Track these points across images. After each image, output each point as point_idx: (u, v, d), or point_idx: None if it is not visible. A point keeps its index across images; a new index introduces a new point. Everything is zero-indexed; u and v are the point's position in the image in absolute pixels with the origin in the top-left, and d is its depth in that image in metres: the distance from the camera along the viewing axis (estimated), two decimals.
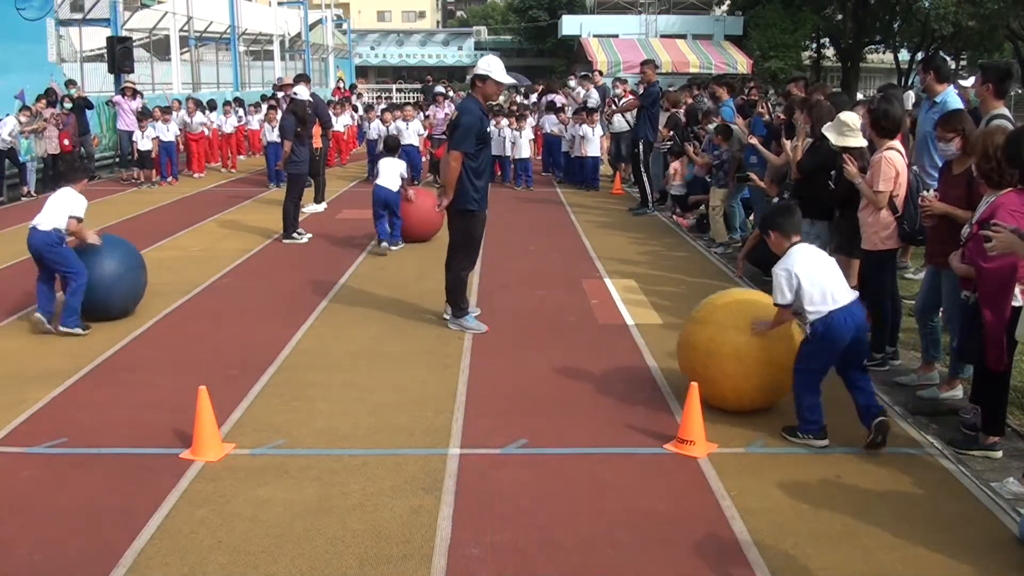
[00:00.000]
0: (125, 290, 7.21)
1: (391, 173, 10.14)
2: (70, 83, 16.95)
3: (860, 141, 6.29)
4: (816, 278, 4.70)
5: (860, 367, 4.85)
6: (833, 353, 4.75)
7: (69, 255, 6.94)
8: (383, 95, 43.18)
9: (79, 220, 6.95)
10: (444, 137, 13.06)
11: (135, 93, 16.67)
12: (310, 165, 12.19)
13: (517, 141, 15.38)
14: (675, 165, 12.15)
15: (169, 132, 15.75)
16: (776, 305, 4.81)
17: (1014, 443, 4.84)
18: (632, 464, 4.61)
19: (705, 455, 4.65)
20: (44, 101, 14.80)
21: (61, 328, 6.79)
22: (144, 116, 15.52)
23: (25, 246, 7.04)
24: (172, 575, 3.58)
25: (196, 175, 16.89)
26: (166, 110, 16.40)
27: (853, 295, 4.80)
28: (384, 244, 9.99)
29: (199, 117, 17.15)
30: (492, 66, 6.64)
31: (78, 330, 6.79)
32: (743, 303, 5.22)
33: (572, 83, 18.80)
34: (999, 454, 4.69)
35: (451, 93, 20.11)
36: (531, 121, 17.33)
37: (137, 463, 4.60)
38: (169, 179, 15.88)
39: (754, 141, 8.72)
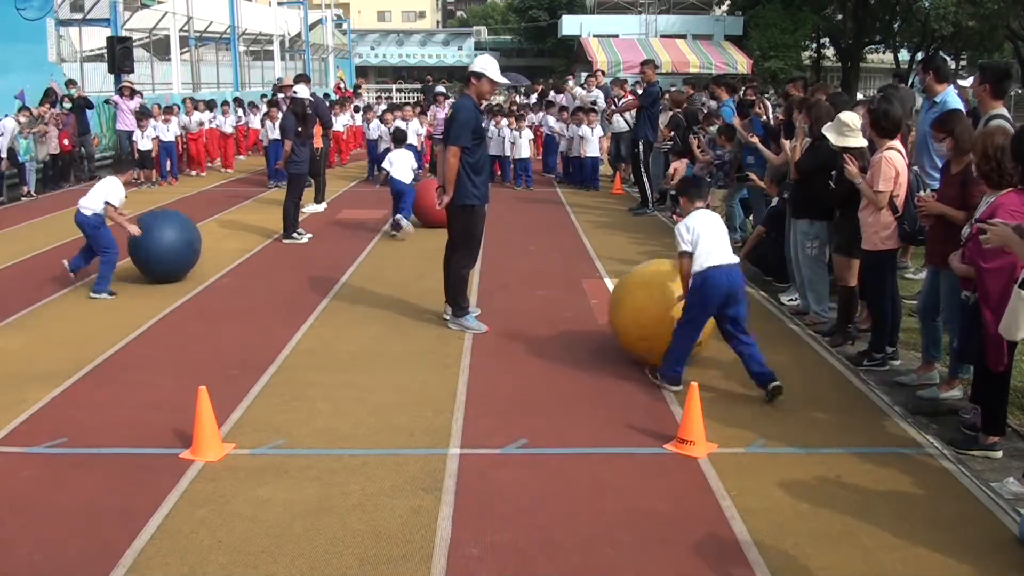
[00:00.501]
0: (183, 257, 8.43)
1: (403, 165, 10.92)
2: (70, 83, 16.95)
3: (860, 141, 6.29)
4: (704, 236, 5.30)
5: (742, 330, 5.40)
6: (708, 307, 5.34)
7: (106, 236, 8.06)
8: (382, 95, 43.18)
9: (114, 207, 7.94)
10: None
11: (132, 93, 16.67)
12: (311, 165, 12.23)
13: (517, 141, 15.38)
14: (676, 165, 12.15)
15: (169, 132, 15.75)
16: (680, 254, 5.42)
17: (1014, 443, 4.84)
18: (632, 464, 4.61)
19: (705, 455, 4.65)
20: (47, 104, 14.76)
21: (91, 295, 7.85)
22: (143, 116, 15.51)
23: (25, 245, 7.24)
24: (172, 575, 3.58)
25: (195, 174, 16.90)
26: (167, 110, 16.41)
27: (734, 259, 5.38)
28: (399, 219, 10.74)
29: (197, 116, 17.16)
30: (488, 65, 6.74)
31: (105, 295, 7.89)
32: (657, 272, 6.02)
33: (571, 83, 18.80)
34: (999, 454, 4.69)
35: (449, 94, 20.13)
36: (533, 119, 17.32)
37: (137, 463, 4.60)
38: (169, 179, 15.88)
39: (755, 140, 8.72)
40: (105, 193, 7.98)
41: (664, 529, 3.93)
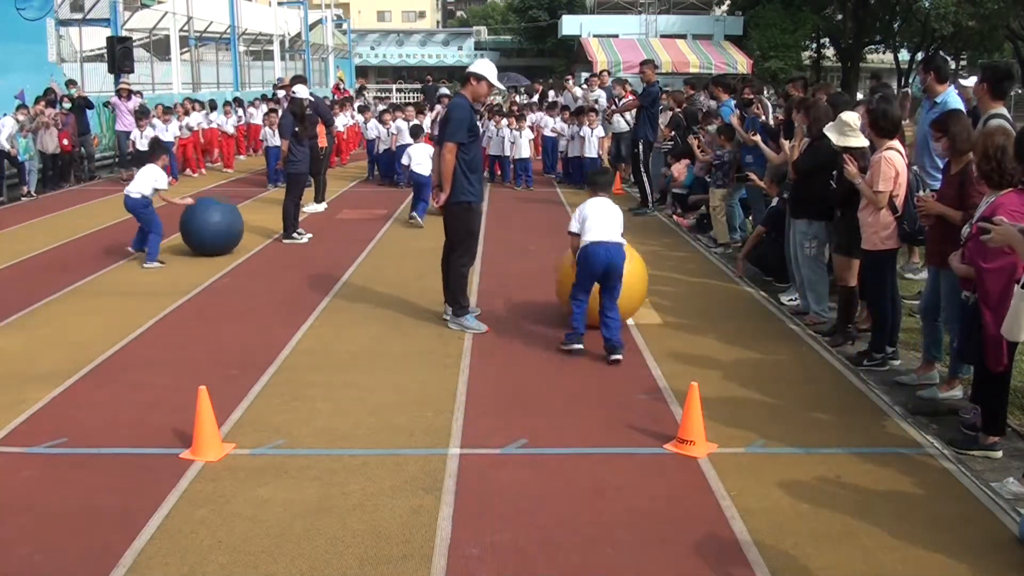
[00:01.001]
0: (228, 234, 9.79)
1: (423, 158, 11.44)
2: (70, 83, 16.94)
3: (861, 141, 6.29)
4: (590, 218, 6.24)
5: (612, 299, 6.22)
6: (589, 277, 6.23)
7: (152, 215, 9.30)
8: (382, 95, 43.17)
9: (164, 190, 9.39)
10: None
11: (130, 94, 16.67)
12: (312, 164, 12.26)
13: (517, 141, 15.39)
14: (678, 167, 12.17)
15: (168, 132, 15.74)
16: (569, 233, 6.41)
17: (1014, 443, 4.84)
18: (632, 464, 4.61)
19: (705, 455, 4.65)
20: (43, 103, 14.76)
21: (144, 266, 9.13)
22: (143, 115, 15.51)
23: (26, 245, 7.35)
24: (172, 575, 3.58)
25: (193, 174, 16.92)
26: (167, 110, 16.41)
27: (615, 239, 6.19)
28: (414, 216, 11.56)
29: (195, 116, 17.16)
30: (489, 70, 6.85)
31: (156, 264, 9.15)
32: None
33: (570, 82, 18.80)
34: (999, 454, 4.70)
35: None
36: (533, 119, 17.32)
37: (137, 463, 4.60)
38: (169, 179, 15.83)
39: (757, 140, 8.72)
40: (152, 180, 9.30)
41: (664, 529, 3.93)
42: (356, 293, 8.14)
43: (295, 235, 10.58)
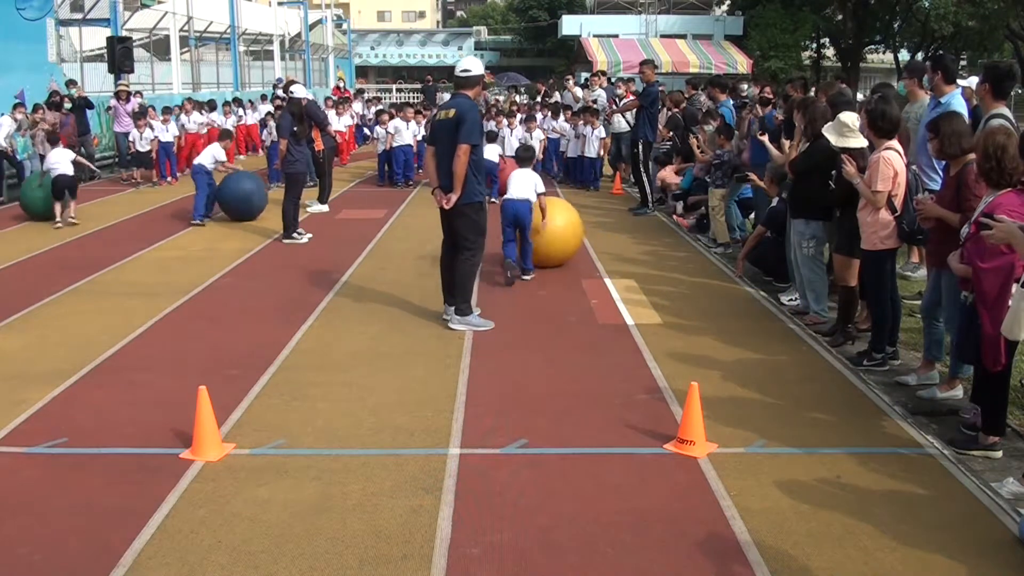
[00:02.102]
0: (256, 201, 12.07)
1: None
2: (71, 83, 16.91)
3: (860, 142, 6.29)
4: (510, 183, 8.59)
5: (526, 238, 8.53)
6: (507, 224, 8.46)
7: (204, 180, 11.76)
8: (376, 98, 43.12)
9: (222, 161, 12.15)
10: None
11: (129, 96, 16.67)
12: (315, 167, 12.28)
13: (528, 142, 15.41)
14: (665, 174, 12.32)
15: (168, 132, 15.74)
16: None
17: (1014, 443, 4.84)
18: (632, 464, 4.61)
19: (705, 455, 4.65)
20: (42, 111, 14.67)
21: (192, 222, 11.54)
22: (142, 115, 15.51)
23: (25, 245, 7.43)
24: (172, 575, 3.59)
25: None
26: (166, 110, 16.41)
27: (524, 196, 8.42)
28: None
29: (196, 116, 17.15)
30: (480, 66, 7.04)
31: (198, 221, 11.54)
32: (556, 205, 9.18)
33: (570, 82, 18.81)
34: (999, 454, 4.69)
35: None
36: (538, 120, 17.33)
37: (137, 463, 4.60)
38: (169, 179, 15.87)
39: (764, 139, 8.69)
40: (214, 154, 12.03)
41: (664, 529, 3.93)
42: (356, 293, 8.14)
43: (295, 235, 10.58)
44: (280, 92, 17.60)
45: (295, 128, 10.60)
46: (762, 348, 6.51)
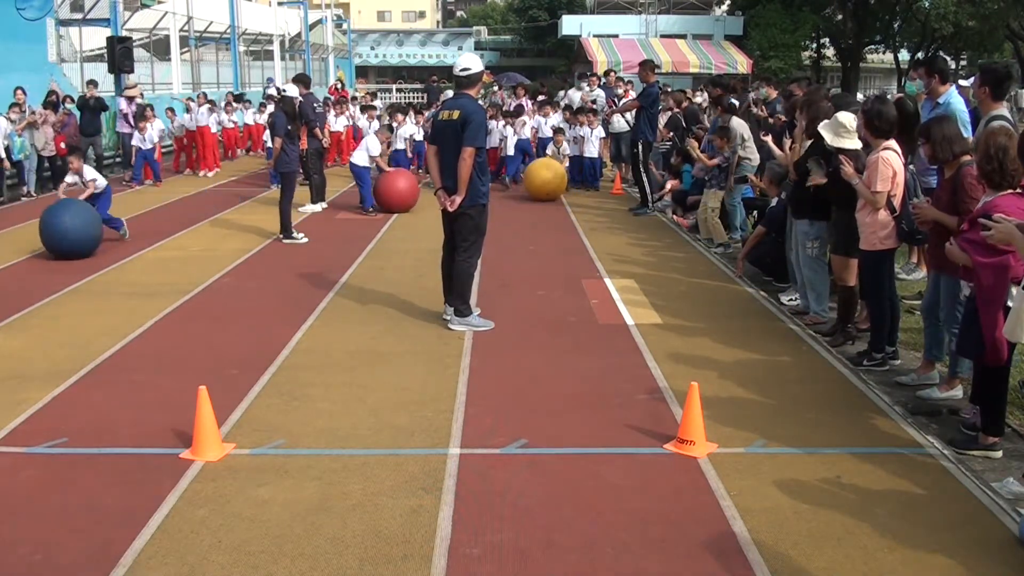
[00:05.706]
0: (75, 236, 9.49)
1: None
2: (90, 83, 16.60)
3: (855, 143, 6.27)
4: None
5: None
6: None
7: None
8: (380, 95, 43.07)
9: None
10: None
11: (130, 99, 16.66)
12: (303, 165, 12.22)
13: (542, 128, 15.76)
14: (677, 184, 12.35)
15: (147, 140, 15.48)
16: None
17: (1014, 443, 4.84)
18: (632, 464, 4.61)
19: (705, 455, 4.65)
20: (40, 112, 14.62)
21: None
22: (140, 117, 15.48)
23: (25, 245, 7.33)
24: (172, 575, 3.59)
25: (202, 173, 16.92)
26: (170, 109, 16.32)
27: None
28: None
29: (205, 112, 17.14)
30: (478, 62, 6.95)
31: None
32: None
33: (584, 84, 18.86)
34: (999, 454, 4.69)
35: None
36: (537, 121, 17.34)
37: (137, 463, 4.60)
38: (149, 181, 15.71)
39: (767, 139, 8.69)
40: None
41: (664, 529, 3.93)
42: (356, 293, 8.14)
43: (295, 235, 10.57)
44: (272, 92, 17.61)
45: (289, 127, 10.60)
46: (762, 348, 6.51)
